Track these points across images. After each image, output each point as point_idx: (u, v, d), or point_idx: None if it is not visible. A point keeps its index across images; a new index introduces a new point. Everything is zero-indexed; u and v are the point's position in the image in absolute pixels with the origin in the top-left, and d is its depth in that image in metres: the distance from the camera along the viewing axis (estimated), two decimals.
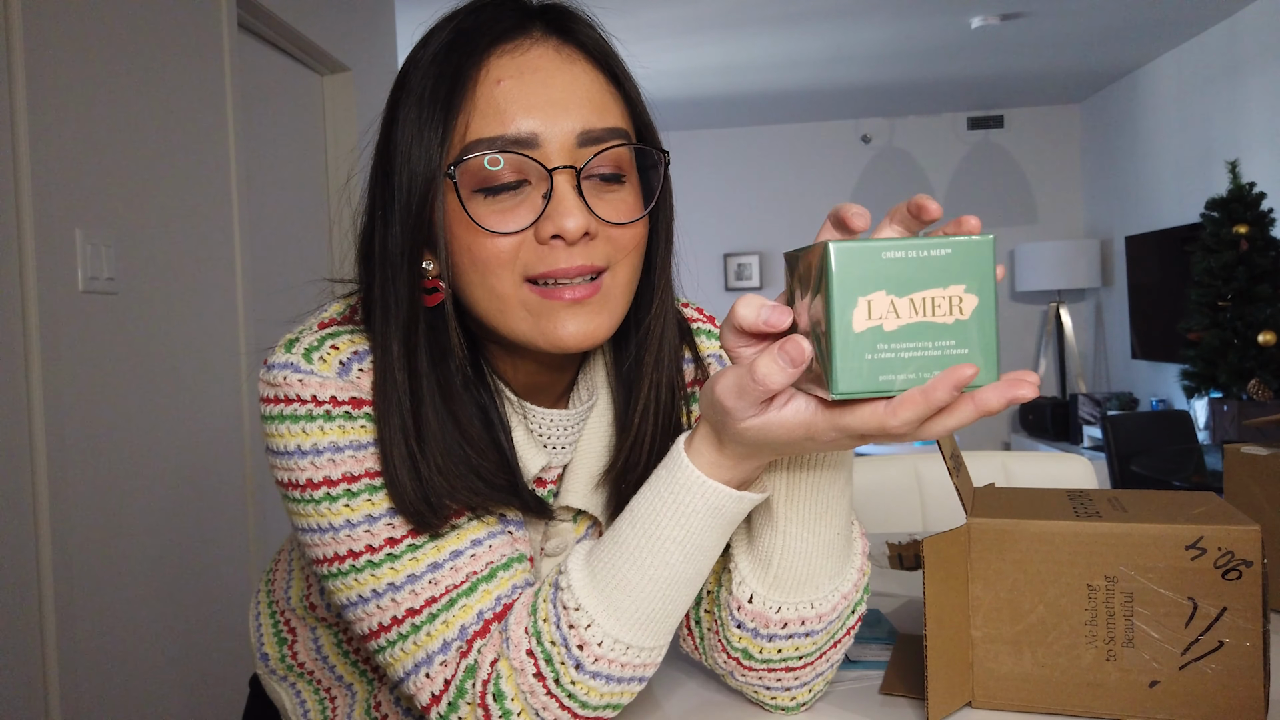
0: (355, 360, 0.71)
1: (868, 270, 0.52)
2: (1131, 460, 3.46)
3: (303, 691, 0.92)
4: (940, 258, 0.52)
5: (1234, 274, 3.91)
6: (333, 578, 0.71)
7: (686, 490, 0.64)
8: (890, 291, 0.52)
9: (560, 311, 0.69)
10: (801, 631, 0.72)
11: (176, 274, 2.09)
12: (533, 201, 0.69)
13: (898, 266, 0.52)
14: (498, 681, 0.67)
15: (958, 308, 0.52)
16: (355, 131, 3.08)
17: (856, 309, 0.52)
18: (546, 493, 0.81)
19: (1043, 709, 0.74)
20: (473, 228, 0.68)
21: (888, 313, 0.52)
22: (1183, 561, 0.71)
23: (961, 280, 0.52)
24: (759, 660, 0.74)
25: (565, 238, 0.67)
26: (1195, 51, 4.80)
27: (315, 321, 0.75)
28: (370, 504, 0.69)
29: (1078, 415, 5.48)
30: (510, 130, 0.67)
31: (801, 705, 0.78)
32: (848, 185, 6.50)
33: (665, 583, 0.66)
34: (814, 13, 4.24)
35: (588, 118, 0.69)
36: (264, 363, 0.73)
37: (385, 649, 0.70)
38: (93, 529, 1.78)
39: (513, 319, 0.70)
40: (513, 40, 0.70)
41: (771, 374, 0.55)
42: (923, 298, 0.52)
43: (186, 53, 2.17)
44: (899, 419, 0.52)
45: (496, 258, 0.68)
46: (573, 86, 0.69)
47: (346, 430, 0.69)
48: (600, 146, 0.69)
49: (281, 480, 0.71)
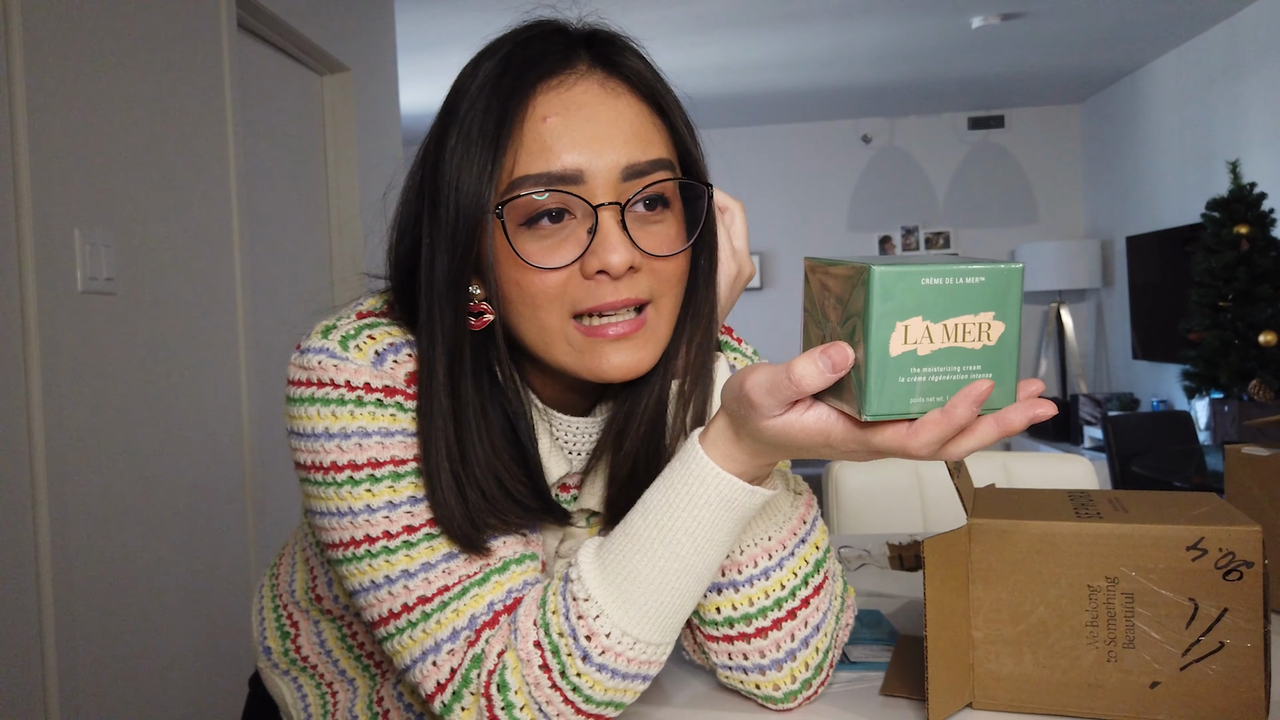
0: (390, 352, 0.73)
1: (907, 297, 0.53)
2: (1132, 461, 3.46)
3: (304, 685, 0.92)
4: (974, 285, 0.53)
5: (1235, 274, 3.90)
6: (346, 562, 0.71)
7: (700, 481, 0.65)
8: (926, 317, 0.53)
9: (605, 347, 0.71)
10: (758, 572, 0.74)
11: (176, 274, 2.09)
12: (578, 236, 0.70)
13: (935, 294, 0.53)
14: (503, 672, 0.67)
15: (986, 334, 0.54)
16: (355, 131, 3.08)
17: (894, 334, 0.53)
18: (569, 497, 0.82)
19: (1043, 710, 0.74)
20: (520, 264, 0.69)
21: (922, 338, 0.53)
22: (1184, 562, 0.70)
23: (991, 308, 0.54)
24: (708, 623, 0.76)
25: (610, 273, 0.69)
26: (1196, 51, 4.80)
27: (353, 311, 0.76)
28: (392, 490, 0.70)
29: (1078, 416, 5.48)
30: (555, 167, 0.69)
31: (790, 695, 0.77)
32: (848, 185, 6.50)
33: (675, 574, 0.67)
34: (814, 13, 4.24)
35: (631, 152, 0.70)
36: (297, 347, 0.74)
37: (394, 636, 0.71)
38: (92, 529, 1.78)
39: (557, 352, 0.72)
40: (558, 75, 0.71)
41: (809, 375, 0.56)
42: (955, 324, 0.54)
43: (186, 53, 2.17)
44: (920, 440, 0.54)
45: (544, 294, 0.70)
46: (617, 121, 0.71)
47: (377, 417, 0.70)
48: (644, 181, 0.71)
49: (304, 463, 0.72)
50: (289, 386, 0.73)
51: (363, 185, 3.10)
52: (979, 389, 0.52)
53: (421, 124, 3.54)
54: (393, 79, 3.50)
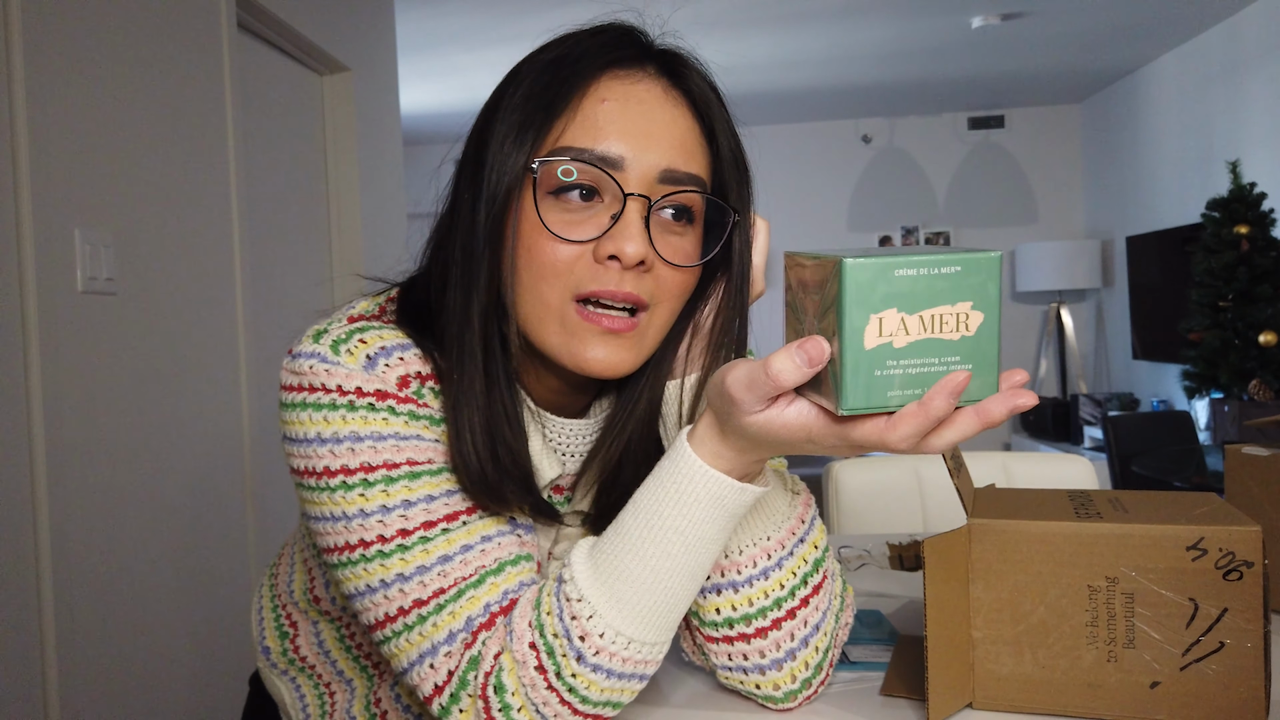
0: (382, 355, 0.72)
1: (881, 288, 0.52)
2: (1132, 461, 3.46)
3: (302, 685, 0.92)
4: (950, 275, 0.52)
5: (1235, 274, 3.90)
6: (342, 566, 0.71)
7: (689, 479, 0.65)
8: (901, 309, 0.52)
9: (593, 337, 0.71)
10: (758, 572, 0.75)
11: (176, 274, 2.09)
12: (599, 220, 0.71)
13: (909, 284, 0.52)
14: (499, 674, 0.67)
15: (964, 324, 0.53)
16: (355, 131, 3.08)
17: (869, 326, 0.52)
18: (562, 499, 0.82)
19: (1043, 710, 0.74)
20: (538, 228, 0.70)
21: (898, 329, 0.52)
22: (1184, 562, 0.70)
23: (969, 297, 0.53)
24: (706, 624, 0.77)
25: (622, 261, 0.70)
26: (1196, 51, 4.80)
27: (344, 315, 0.76)
28: (385, 494, 0.70)
29: (1078, 416, 5.48)
30: (600, 147, 0.70)
31: (790, 695, 0.77)
32: (848, 185, 6.50)
33: (667, 573, 0.66)
34: (814, 13, 4.24)
35: (674, 158, 0.72)
36: (289, 352, 0.74)
37: (391, 639, 0.71)
38: (92, 529, 1.78)
39: (547, 330, 0.72)
40: (626, 69, 0.73)
41: (786, 370, 0.55)
42: (932, 315, 0.52)
43: (186, 52, 2.17)
44: (898, 434, 0.54)
45: (553, 265, 0.71)
46: (670, 126, 0.73)
47: (369, 421, 0.70)
48: (678, 188, 0.72)
49: (297, 468, 0.72)
50: (281, 391, 0.73)
51: (363, 185, 3.10)
52: (955, 381, 0.52)
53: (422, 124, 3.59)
54: (393, 79, 3.50)
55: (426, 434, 0.72)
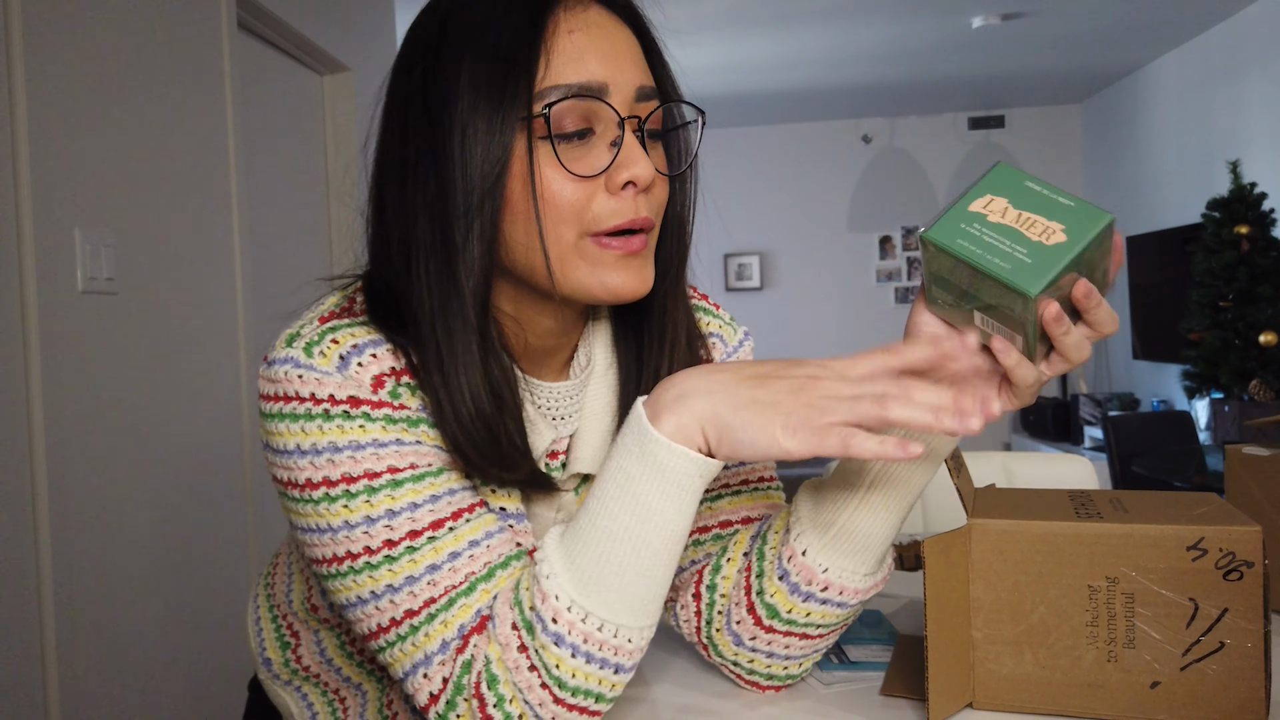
0: (354, 354, 0.71)
1: (1009, 187, 0.66)
2: (1133, 461, 3.46)
3: (309, 695, 0.91)
4: (1062, 205, 0.64)
5: (1235, 274, 3.90)
6: (332, 578, 0.70)
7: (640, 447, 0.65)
8: (1011, 202, 0.65)
9: (616, 262, 0.72)
10: (836, 600, 0.75)
11: (176, 274, 2.09)
12: (599, 150, 0.72)
13: (1030, 194, 0.65)
14: (489, 666, 0.66)
15: (1047, 235, 0.63)
16: (355, 131, 3.07)
17: (981, 199, 0.65)
18: (559, 464, 0.82)
19: (1044, 710, 0.74)
20: (554, 172, 0.70)
21: (999, 211, 0.65)
22: (1184, 562, 0.70)
23: (1065, 223, 0.63)
24: (783, 620, 0.76)
25: (638, 185, 0.71)
26: (1196, 51, 4.80)
27: (315, 316, 0.75)
28: (369, 505, 0.68)
29: (1079, 416, 5.48)
30: (585, 77, 0.70)
31: (790, 678, 0.81)
32: (848, 185, 6.50)
33: (612, 538, 0.64)
34: (814, 13, 4.24)
35: (641, 75, 0.74)
36: (264, 359, 0.73)
37: (386, 649, 0.70)
38: (92, 529, 1.78)
39: (570, 267, 0.72)
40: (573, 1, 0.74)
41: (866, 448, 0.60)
42: (1030, 217, 0.64)
43: (186, 53, 2.17)
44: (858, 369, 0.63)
45: (570, 206, 0.70)
46: (629, 45, 0.74)
47: (346, 430, 0.69)
48: (654, 103, 0.74)
49: (280, 479, 0.71)
50: (260, 401, 0.72)
51: (363, 185, 3.09)
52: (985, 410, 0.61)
53: None
54: None
55: (406, 437, 0.70)
